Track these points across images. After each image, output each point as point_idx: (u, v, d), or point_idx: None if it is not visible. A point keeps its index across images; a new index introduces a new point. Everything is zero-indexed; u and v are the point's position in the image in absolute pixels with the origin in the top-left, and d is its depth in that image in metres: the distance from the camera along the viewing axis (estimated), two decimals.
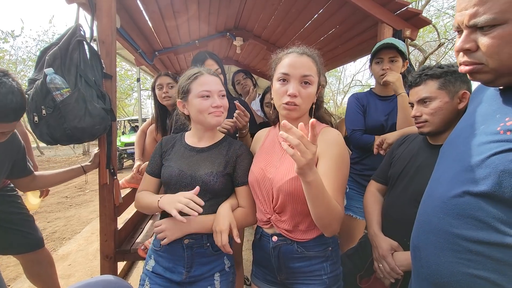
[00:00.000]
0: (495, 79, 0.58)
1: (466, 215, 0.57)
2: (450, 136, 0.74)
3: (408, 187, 1.05)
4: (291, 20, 2.53)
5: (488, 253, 0.54)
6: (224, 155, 1.06)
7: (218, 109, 1.02)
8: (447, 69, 0.99)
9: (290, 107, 0.90)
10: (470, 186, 0.57)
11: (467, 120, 0.70)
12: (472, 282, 0.56)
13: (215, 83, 1.04)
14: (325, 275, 0.92)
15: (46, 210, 4.48)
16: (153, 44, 2.96)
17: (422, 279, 0.68)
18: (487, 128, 0.60)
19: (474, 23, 0.56)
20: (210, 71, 1.07)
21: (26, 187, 1.14)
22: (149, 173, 1.11)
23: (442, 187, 0.65)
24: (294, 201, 0.90)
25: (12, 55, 11.41)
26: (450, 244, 0.59)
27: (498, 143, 0.55)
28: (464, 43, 0.59)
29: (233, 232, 0.95)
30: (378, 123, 1.55)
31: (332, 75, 14.85)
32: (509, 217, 0.52)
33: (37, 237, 1.58)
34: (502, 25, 0.53)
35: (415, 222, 0.73)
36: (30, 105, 1.20)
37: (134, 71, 13.63)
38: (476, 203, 0.56)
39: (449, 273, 0.59)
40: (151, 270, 1.03)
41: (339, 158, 0.88)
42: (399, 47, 1.46)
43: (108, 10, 1.45)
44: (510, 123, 0.55)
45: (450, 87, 0.98)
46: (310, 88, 0.90)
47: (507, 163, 0.52)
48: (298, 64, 0.90)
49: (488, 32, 0.55)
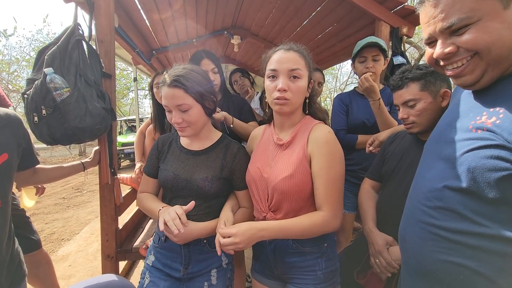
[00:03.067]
0: (481, 77, 0.60)
1: (446, 208, 0.61)
2: (433, 133, 0.78)
3: (401, 183, 1.07)
4: (288, 18, 2.54)
5: (465, 242, 0.58)
6: (221, 158, 1.05)
7: (178, 125, 0.99)
8: (426, 70, 1.02)
9: (281, 102, 0.91)
10: (449, 182, 0.61)
11: (446, 117, 0.73)
12: (451, 269, 0.61)
13: (170, 97, 0.95)
14: (320, 270, 0.94)
15: (44, 211, 4.45)
16: (150, 43, 2.95)
17: (409, 268, 0.73)
18: (462, 126, 0.63)
19: (448, 25, 0.58)
20: (172, 82, 0.95)
21: (27, 181, 1.13)
22: (147, 174, 1.12)
23: (425, 182, 0.69)
24: (288, 199, 0.92)
25: (5, 55, 11.24)
26: (432, 234, 0.64)
27: (470, 140, 0.58)
28: (443, 48, 0.61)
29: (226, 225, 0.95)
30: (360, 121, 1.62)
31: (329, 73, 14.87)
32: (483, 209, 0.56)
33: (34, 239, 1.58)
34: (475, 23, 0.55)
35: (402, 215, 0.78)
36: (30, 105, 1.19)
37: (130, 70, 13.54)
38: (455, 197, 0.60)
39: (431, 261, 0.64)
40: (151, 265, 1.06)
41: (330, 157, 0.90)
42: (382, 46, 1.50)
43: (106, 9, 1.44)
44: (480, 121, 0.58)
45: (431, 87, 1.01)
46: (299, 81, 0.91)
47: (477, 160, 0.55)
48: (285, 59, 0.91)
49: (463, 31, 0.57)
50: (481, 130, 0.57)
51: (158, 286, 1.00)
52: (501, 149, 0.52)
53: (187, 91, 0.95)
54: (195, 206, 1.00)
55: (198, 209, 1.01)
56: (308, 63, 0.96)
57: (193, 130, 1.01)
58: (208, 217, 1.03)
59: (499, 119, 0.54)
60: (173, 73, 0.97)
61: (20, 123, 0.94)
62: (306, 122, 0.99)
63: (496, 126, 0.54)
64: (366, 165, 1.52)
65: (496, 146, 0.53)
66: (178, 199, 1.03)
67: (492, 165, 0.53)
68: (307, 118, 1.01)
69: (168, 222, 0.88)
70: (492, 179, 0.53)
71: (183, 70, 0.98)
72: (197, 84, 0.98)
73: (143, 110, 18.35)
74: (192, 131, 1.01)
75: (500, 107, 0.56)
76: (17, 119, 0.93)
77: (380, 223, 1.13)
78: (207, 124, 1.08)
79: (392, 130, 1.34)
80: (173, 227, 0.87)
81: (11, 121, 0.91)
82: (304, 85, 0.93)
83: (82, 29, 1.37)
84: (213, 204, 1.04)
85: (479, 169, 0.55)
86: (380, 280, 1.06)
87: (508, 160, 0.51)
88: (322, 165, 0.89)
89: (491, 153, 0.53)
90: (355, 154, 1.65)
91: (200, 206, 1.02)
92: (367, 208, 1.19)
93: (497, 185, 0.53)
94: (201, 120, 1.02)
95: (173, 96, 0.95)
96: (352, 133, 1.66)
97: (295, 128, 0.98)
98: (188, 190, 1.01)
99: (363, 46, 1.52)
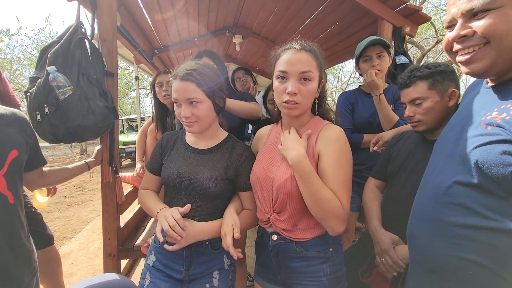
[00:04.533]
0: (491, 67, 0.60)
1: (456, 203, 0.62)
2: (443, 131, 0.78)
3: (407, 182, 1.07)
4: (290, 17, 2.53)
5: (475, 237, 0.59)
6: (226, 158, 1.03)
7: (187, 120, 0.97)
8: (434, 69, 1.01)
9: (290, 106, 0.88)
10: (459, 177, 0.62)
11: (458, 115, 0.74)
12: (460, 264, 0.61)
13: (182, 91, 0.94)
14: (325, 276, 0.90)
15: (46, 209, 4.46)
16: (152, 42, 2.95)
17: (417, 265, 0.73)
18: (473, 122, 0.64)
19: (471, 7, 0.59)
20: (185, 75, 0.95)
21: (35, 183, 1.13)
22: (149, 170, 1.10)
23: (435, 179, 0.70)
24: (293, 200, 0.89)
25: (7, 54, 11.29)
26: (441, 230, 0.64)
27: (480, 136, 0.59)
28: (460, 30, 0.62)
29: (234, 229, 0.94)
30: (365, 120, 1.60)
31: (330, 73, 14.86)
32: (493, 204, 0.57)
33: (47, 234, 1.60)
34: (495, 9, 0.56)
35: (410, 212, 0.78)
36: (33, 104, 1.20)
37: (131, 69, 13.55)
38: (464, 192, 0.60)
39: (440, 257, 0.64)
40: (152, 265, 1.04)
41: (339, 155, 0.87)
42: (385, 42, 1.51)
43: (108, 8, 1.45)
44: (490, 117, 0.59)
45: (439, 86, 1.00)
46: (310, 84, 0.88)
47: (486, 155, 0.56)
48: (296, 60, 0.87)
49: (482, 16, 0.58)
50: (491, 126, 0.57)
51: (159, 287, 0.98)
52: (509, 144, 0.53)
53: (199, 85, 0.94)
54: (198, 206, 0.98)
55: (201, 209, 0.99)
56: (320, 63, 0.92)
57: (200, 126, 0.99)
58: (211, 218, 1.01)
59: (509, 115, 0.55)
60: (186, 67, 0.96)
61: (26, 122, 0.95)
62: (316, 122, 0.96)
63: (506, 122, 0.55)
64: (371, 164, 1.51)
65: (505, 141, 0.53)
66: (180, 197, 1.01)
67: (501, 160, 0.53)
68: (316, 118, 0.97)
69: (168, 232, 0.87)
70: (501, 173, 0.53)
71: (196, 65, 0.98)
72: (209, 79, 0.97)
73: (144, 109, 18.37)
74: (200, 127, 0.99)
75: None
76: (23, 118, 0.94)
77: (385, 223, 1.13)
78: (214, 122, 1.06)
79: (397, 130, 1.34)
80: (174, 235, 0.87)
81: (18, 119, 0.92)
82: (315, 87, 0.90)
83: (84, 27, 1.37)
84: (216, 205, 1.02)
85: (488, 164, 0.55)
86: (386, 280, 1.05)
87: None
88: (330, 163, 0.86)
89: (500, 148, 0.54)
90: (360, 154, 1.63)
91: (203, 206, 1.00)
92: (372, 207, 1.18)
93: (506, 179, 0.53)
94: (209, 116, 1.00)
95: (184, 89, 0.94)
96: (357, 132, 1.64)
97: (303, 129, 0.95)
98: (191, 189, 0.99)
99: (366, 45, 1.52)
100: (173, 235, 0.88)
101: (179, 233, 0.87)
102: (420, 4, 6.28)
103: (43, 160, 1.09)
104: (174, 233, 0.87)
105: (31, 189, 1.17)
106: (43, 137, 1.25)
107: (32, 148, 0.98)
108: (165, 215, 0.91)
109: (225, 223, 0.97)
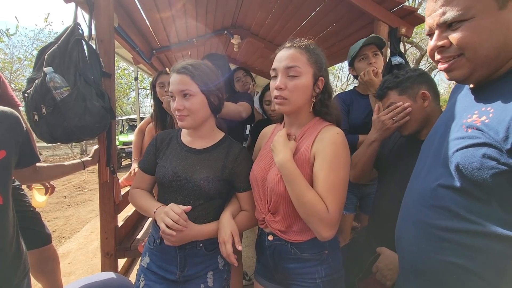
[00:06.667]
0: (470, 74, 0.62)
1: (440, 206, 0.62)
2: (430, 132, 0.79)
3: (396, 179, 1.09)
4: (288, 18, 2.55)
5: (458, 240, 0.59)
6: (222, 159, 1.02)
7: (179, 113, 0.97)
8: (402, 77, 1.10)
9: (279, 101, 0.90)
10: (442, 180, 0.62)
11: (442, 118, 0.75)
12: (444, 268, 0.61)
13: (176, 83, 0.96)
14: (319, 278, 0.90)
15: (45, 209, 4.47)
16: (150, 43, 2.96)
17: (405, 267, 0.73)
18: (456, 125, 0.64)
19: (444, 20, 0.60)
20: (181, 68, 0.97)
21: (29, 179, 1.13)
22: (142, 169, 1.09)
23: (420, 181, 0.70)
24: (284, 202, 0.89)
25: (7, 54, 11.29)
26: (426, 233, 0.65)
27: (461, 139, 0.59)
28: (437, 41, 0.63)
29: (235, 239, 0.94)
30: (361, 121, 1.62)
31: (330, 73, 14.86)
32: (475, 207, 0.57)
33: (45, 233, 1.61)
34: (469, 20, 0.57)
35: (398, 215, 0.79)
36: (30, 104, 1.21)
37: (131, 69, 13.56)
38: (448, 195, 0.61)
39: (425, 260, 0.64)
40: (146, 267, 1.03)
41: (332, 158, 0.83)
42: (383, 39, 1.56)
43: (106, 9, 1.46)
44: (470, 120, 0.59)
45: (408, 91, 1.08)
46: (297, 79, 0.87)
47: (467, 159, 0.56)
48: (283, 57, 0.90)
49: (456, 27, 0.59)
50: (471, 129, 0.58)
51: None
52: (488, 147, 0.53)
53: (193, 78, 0.96)
54: (193, 207, 0.98)
55: (196, 209, 0.99)
56: (313, 60, 0.90)
57: (193, 120, 0.99)
58: (206, 218, 1.01)
59: (489, 118, 0.55)
60: (184, 62, 0.99)
61: (16, 120, 0.92)
62: (316, 123, 0.94)
63: (485, 125, 0.55)
64: None
65: (484, 145, 0.54)
66: (175, 198, 1.00)
67: (481, 163, 0.54)
68: (316, 119, 0.96)
69: (174, 226, 0.89)
70: (481, 177, 0.54)
71: (194, 61, 1.01)
72: (204, 74, 0.99)
73: (144, 109, 18.38)
74: (192, 121, 0.99)
75: (492, 106, 0.57)
76: (13, 116, 0.91)
77: (377, 221, 1.14)
78: (210, 122, 1.06)
79: None
80: (179, 228, 0.89)
81: (7, 118, 0.90)
82: (304, 83, 0.88)
83: (82, 28, 1.38)
84: (212, 205, 1.02)
85: (469, 167, 0.56)
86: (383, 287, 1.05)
87: (495, 158, 0.52)
88: (323, 165, 0.83)
89: (480, 151, 0.54)
90: None
91: (199, 207, 0.99)
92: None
93: (486, 183, 0.53)
94: (202, 111, 0.99)
95: (179, 82, 0.96)
96: (352, 133, 1.65)
97: (303, 129, 0.94)
98: (187, 189, 0.98)
99: (363, 45, 1.54)
100: (178, 228, 0.89)
101: (183, 226, 0.89)
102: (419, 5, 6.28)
103: (36, 157, 1.08)
104: (180, 227, 0.89)
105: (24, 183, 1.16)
106: (40, 137, 1.26)
107: (24, 146, 0.96)
108: (165, 211, 0.91)
109: (223, 230, 0.96)
